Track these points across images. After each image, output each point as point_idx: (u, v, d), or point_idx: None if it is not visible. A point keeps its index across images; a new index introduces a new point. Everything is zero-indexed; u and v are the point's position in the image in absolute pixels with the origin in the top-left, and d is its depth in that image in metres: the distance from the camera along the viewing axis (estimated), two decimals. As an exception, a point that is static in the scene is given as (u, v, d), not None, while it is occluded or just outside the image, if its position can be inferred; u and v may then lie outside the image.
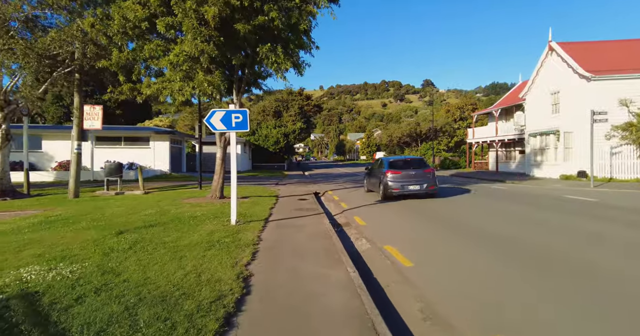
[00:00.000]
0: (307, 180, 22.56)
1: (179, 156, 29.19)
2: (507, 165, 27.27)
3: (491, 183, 18.71)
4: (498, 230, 6.97)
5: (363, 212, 9.54)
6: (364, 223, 7.95)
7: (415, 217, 8.85)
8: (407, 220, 8.64)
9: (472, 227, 7.45)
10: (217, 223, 7.32)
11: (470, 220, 8.18)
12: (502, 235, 6.51)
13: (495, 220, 8.12)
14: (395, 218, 8.86)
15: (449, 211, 9.57)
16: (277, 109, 42.30)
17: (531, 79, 21.86)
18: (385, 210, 9.78)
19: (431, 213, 9.25)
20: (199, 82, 8.93)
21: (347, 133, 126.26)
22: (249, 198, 12.00)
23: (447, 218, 8.56)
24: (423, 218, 8.71)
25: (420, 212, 9.52)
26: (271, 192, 14.39)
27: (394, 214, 9.29)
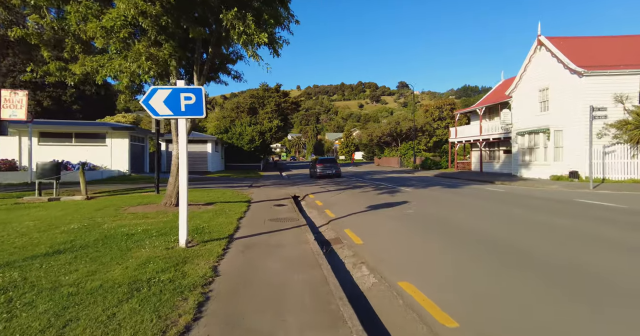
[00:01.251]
0: (285, 182, 20.61)
1: (141, 155, 26.32)
2: (490, 165, 26.55)
3: (481, 184, 17.58)
4: (560, 256, 5.07)
5: (355, 222, 7.78)
6: (359, 240, 6.15)
7: (426, 230, 7.05)
8: (417, 235, 6.61)
9: (514, 247, 5.85)
10: (160, 244, 5.29)
11: (502, 235, 6.60)
12: (577, 266, 4.55)
13: (533, 235, 6.53)
14: (399, 233, 6.83)
15: (466, 221, 7.95)
16: (252, 106, 39.87)
17: (518, 75, 21.06)
18: (384, 221, 8.03)
19: (445, 225, 7.58)
20: (136, 54, 6.83)
21: (324, 133, 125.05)
22: (215, 204, 9.94)
23: (470, 231, 6.90)
24: (435, 231, 7.00)
25: (430, 221, 7.87)
26: (243, 196, 12.37)
27: (397, 226, 7.46)
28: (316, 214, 9.43)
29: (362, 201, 11.31)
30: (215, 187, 16.15)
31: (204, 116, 5.44)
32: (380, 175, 26.57)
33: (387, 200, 11.29)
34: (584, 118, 16.53)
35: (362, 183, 18.28)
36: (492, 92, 29.64)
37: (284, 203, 10.86)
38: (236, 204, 10.08)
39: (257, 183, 19.66)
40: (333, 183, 18.63)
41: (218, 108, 43.70)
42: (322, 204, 10.90)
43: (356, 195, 12.95)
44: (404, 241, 6.19)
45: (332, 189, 15.39)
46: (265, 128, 38.18)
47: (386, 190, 14.30)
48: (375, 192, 13.74)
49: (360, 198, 12.24)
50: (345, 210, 9.32)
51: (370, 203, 10.55)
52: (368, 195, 13.04)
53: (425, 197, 12.08)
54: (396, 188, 15.24)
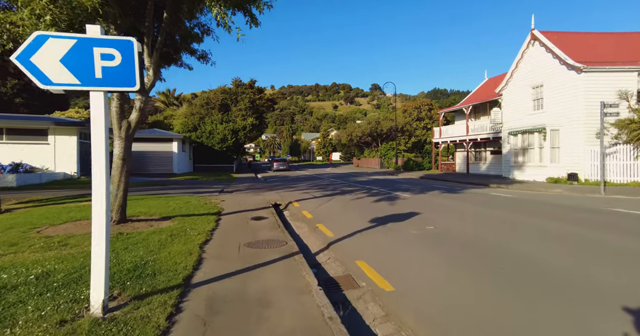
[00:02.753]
0: (262, 186, 18.31)
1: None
2: (477, 166, 25.62)
3: (477, 187, 16.22)
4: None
5: (366, 247, 5.77)
6: (386, 283, 4.09)
7: (475, 263, 4.90)
8: (469, 274, 4.35)
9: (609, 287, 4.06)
10: (54, 310, 3.01)
11: (584, 269, 4.83)
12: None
13: (627, 269, 4.87)
14: (440, 267, 4.63)
15: (512, 244, 6.18)
16: (224, 102, 36.90)
17: (509, 72, 20.06)
18: (406, 245, 5.91)
19: (491, 250, 5.71)
20: None
21: (300, 133, 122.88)
22: (173, 219, 7.59)
23: (533, 263, 5.11)
24: (488, 265, 5.09)
25: (468, 245, 5.99)
26: (211, 205, 10.03)
27: (429, 255, 5.34)
28: (307, 231, 7.33)
29: (359, 211, 9.35)
30: (179, 192, 13.61)
31: (137, 87, 3.20)
32: (364, 177, 24.86)
33: (390, 210, 9.40)
34: (583, 116, 15.59)
35: (350, 187, 16.37)
36: (476, 91, 28.85)
37: (264, 215, 8.69)
38: (202, 218, 7.79)
39: (230, 187, 17.24)
40: (317, 188, 16.58)
41: (186, 104, 40.32)
42: (311, 216, 8.82)
43: (349, 203, 10.99)
44: (460, 286, 4.02)
45: (318, 195, 13.33)
46: (239, 127, 35.45)
47: (382, 196, 12.46)
48: (370, 199, 11.85)
49: (355, 207, 10.28)
50: (344, 226, 7.31)
51: (371, 214, 8.61)
52: (363, 202, 11.12)
53: (432, 205, 10.32)
54: (392, 193, 13.46)
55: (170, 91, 45.45)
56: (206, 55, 9.26)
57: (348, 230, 6.85)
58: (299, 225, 8.11)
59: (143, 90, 7.35)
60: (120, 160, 7.17)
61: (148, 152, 28.20)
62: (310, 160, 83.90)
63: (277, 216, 8.82)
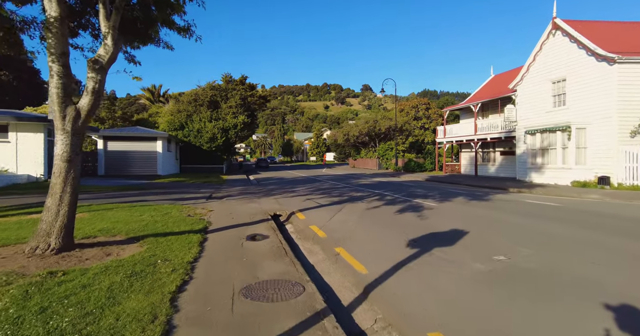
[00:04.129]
0: (256, 189, 16.28)
1: (66, 155, 20.50)
2: (485, 168, 24.06)
3: (498, 192, 14.53)
4: None
5: (425, 294, 3.86)
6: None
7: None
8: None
9: None
10: None
11: None
12: None
13: None
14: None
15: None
16: (213, 99, 34.58)
17: (526, 65, 18.50)
18: (485, 293, 4.10)
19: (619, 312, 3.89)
20: None
21: (292, 133, 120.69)
22: (143, 242, 5.57)
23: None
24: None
25: (574, 293, 4.15)
26: (196, 218, 8.00)
27: (553, 323, 3.70)
28: (325, 260, 5.37)
29: (385, 227, 7.45)
30: (160, 199, 11.49)
31: None
32: (366, 179, 23.03)
33: (423, 225, 7.54)
34: (616, 113, 14.06)
35: (357, 192, 14.47)
36: (482, 88, 27.35)
37: (262, 231, 6.73)
38: (182, 239, 5.79)
39: (220, 191, 15.16)
40: (320, 193, 14.63)
41: (173, 101, 37.88)
42: (324, 234, 6.87)
43: (366, 215, 9.08)
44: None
45: (324, 202, 11.38)
46: (229, 125, 33.22)
47: (402, 205, 10.59)
48: (389, 209, 9.96)
49: (376, 220, 8.38)
50: (375, 252, 5.40)
51: (403, 232, 6.73)
52: (382, 213, 9.23)
53: (470, 218, 8.49)
54: (411, 200, 11.60)
55: (156, 87, 42.85)
56: (189, 28, 7.24)
57: (383, 261, 4.93)
58: (311, 248, 6.16)
59: (97, 65, 5.31)
60: (65, 162, 5.10)
61: (130, 151, 25.82)
62: (303, 161, 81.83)
63: (279, 232, 6.88)
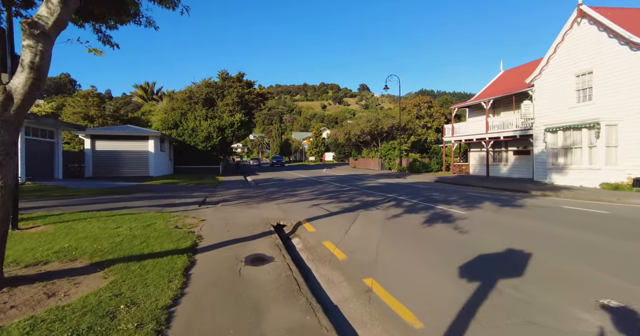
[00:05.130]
0: (254, 193, 14.83)
1: (48, 156, 18.99)
2: (496, 168, 22.76)
3: (522, 196, 13.18)
4: None
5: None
6: None
7: None
8: None
9: None
10: None
11: None
12: None
13: None
14: None
15: None
16: (208, 96, 33.07)
17: (545, 58, 17.18)
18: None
19: None
20: None
21: (290, 132, 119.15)
22: (108, 270, 4.11)
23: None
24: None
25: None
26: (184, 231, 6.53)
27: None
28: (352, 300, 3.92)
29: (419, 245, 6.04)
30: (146, 205, 10.01)
31: None
32: (371, 180, 21.63)
33: (465, 242, 6.14)
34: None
35: (368, 197, 13.05)
36: (491, 84, 26.05)
37: (265, 251, 5.31)
38: (161, 264, 4.34)
39: (215, 194, 13.70)
40: (326, 197, 13.19)
41: (167, 99, 36.30)
42: (344, 256, 5.43)
43: (389, 227, 7.66)
44: None
45: (333, 210, 9.95)
46: (226, 124, 31.71)
47: (426, 214, 9.18)
48: (413, 219, 8.54)
49: (404, 235, 6.97)
50: (421, 288, 3.99)
51: (444, 253, 5.34)
52: (408, 225, 7.82)
53: (519, 232, 7.08)
54: (434, 207, 10.18)
55: (149, 85, 41.22)
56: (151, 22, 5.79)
57: (438, 303, 3.52)
58: (329, 276, 4.71)
59: (36, 29, 3.84)
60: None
61: (120, 152, 24.28)
62: (302, 161, 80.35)
63: (286, 251, 5.46)
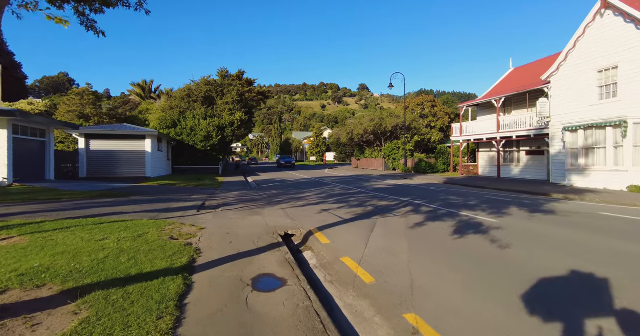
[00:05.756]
0: (256, 196, 13.90)
1: (38, 155, 18.01)
2: (507, 169, 21.85)
3: (546, 200, 12.27)
4: None
5: None
6: None
7: None
8: None
9: None
10: None
11: None
12: None
13: None
14: None
15: None
16: (208, 94, 32.12)
17: (564, 53, 16.27)
18: None
19: None
20: None
21: (288, 132, 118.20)
22: (81, 302, 3.15)
23: None
24: None
25: None
26: (180, 242, 5.58)
27: None
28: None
29: (459, 266, 5.09)
30: (140, 211, 9.06)
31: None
32: (378, 182, 20.71)
33: (511, 261, 5.21)
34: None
35: (381, 201, 12.11)
36: (501, 81, 25.15)
37: (275, 270, 4.37)
38: (150, 290, 3.39)
39: (215, 197, 12.77)
40: (334, 200, 12.24)
41: (165, 97, 35.32)
42: (371, 278, 4.48)
43: (415, 239, 6.74)
44: None
45: (345, 216, 9.01)
46: (226, 122, 30.76)
47: (452, 222, 8.25)
48: (439, 227, 7.62)
49: (434, 249, 6.04)
50: (485, 329, 3.07)
51: (495, 277, 4.41)
52: (435, 236, 6.89)
53: (569, 245, 6.14)
54: (458, 213, 9.24)
55: (147, 83, 40.23)
56: None
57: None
58: (356, 307, 3.76)
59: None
60: None
61: (115, 151, 23.31)
62: (302, 161, 79.44)
63: (299, 270, 4.53)
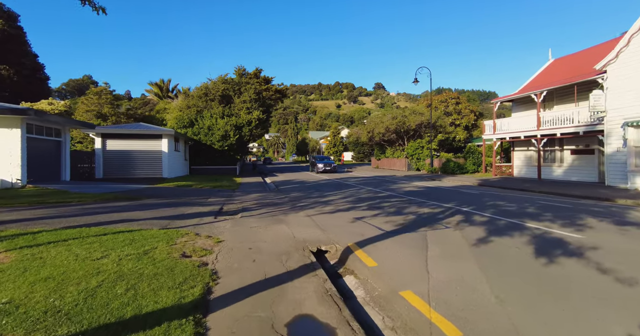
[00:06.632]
0: (277, 198, 12.75)
1: (53, 156, 17.49)
2: (549, 170, 19.92)
3: (604, 204, 10.55)
4: None
5: None
6: None
7: None
8: None
9: None
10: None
11: None
12: None
13: None
14: None
15: None
16: (225, 93, 31.39)
17: (625, 38, 14.37)
18: None
19: None
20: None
21: (306, 132, 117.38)
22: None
23: None
24: None
25: None
26: (192, 261, 4.40)
27: None
28: None
29: (581, 312, 3.69)
30: (152, 216, 8.03)
31: None
32: (405, 183, 19.23)
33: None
34: None
35: (420, 207, 10.68)
36: (539, 74, 23.14)
37: (314, 309, 3.10)
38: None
39: (233, 200, 11.69)
40: (365, 205, 10.88)
41: (182, 96, 34.83)
42: (458, 331, 3.19)
43: (488, 261, 5.36)
44: None
45: (386, 226, 7.67)
46: (243, 121, 29.90)
47: (527, 238, 6.80)
48: (511, 244, 6.21)
49: (525, 278, 4.64)
50: None
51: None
52: (513, 256, 5.49)
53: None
54: (525, 225, 7.76)
55: (164, 82, 39.99)
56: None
57: None
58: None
59: None
60: None
61: (132, 151, 22.75)
62: (318, 161, 78.38)
63: (349, 313, 3.27)
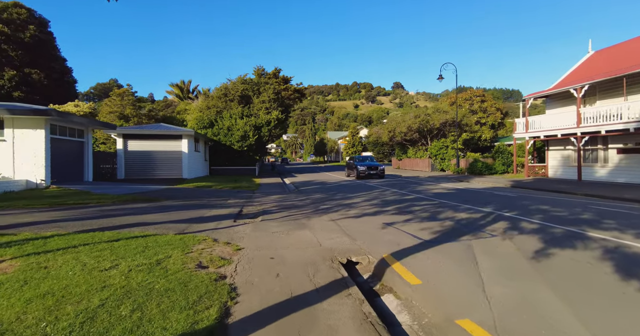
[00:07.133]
0: (298, 200, 12.17)
1: (76, 156, 17.64)
2: (590, 171, 18.43)
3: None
4: None
5: None
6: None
7: None
8: None
9: None
10: None
11: None
12: None
13: None
14: None
15: None
16: (244, 93, 31.24)
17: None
18: None
19: None
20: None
21: (325, 132, 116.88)
22: None
23: None
24: None
25: None
26: (209, 274, 3.83)
27: None
28: None
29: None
30: (168, 219, 7.61)
31: None
32: (431, 185, 18.24)
33: None
34: None
35: (455, 212, 9.80)
36: (577, 68, 21.55)
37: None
38: None
39: (252, 202, 11.20)
40: (393, 209, 10.10)
41: (202, 97, 35.02)
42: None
43: (556, 279, 4.52)
44: None
45: (422, 234, 6.91)
46: (262, 122, 29.62)
47: (596, 250, 5.86)
48: (578, 257, 5.31)
49: (611, 306, 3.82)
50: None
51: None
52: (586, 274, 4.63)
53: None
54: (583, 233, 6.75)
55: (185, 83, 40.43)
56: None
57: None
58: None
59: None
60: None
61: (153, 152, 22.85)
62: (337, 161, 77.62)
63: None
